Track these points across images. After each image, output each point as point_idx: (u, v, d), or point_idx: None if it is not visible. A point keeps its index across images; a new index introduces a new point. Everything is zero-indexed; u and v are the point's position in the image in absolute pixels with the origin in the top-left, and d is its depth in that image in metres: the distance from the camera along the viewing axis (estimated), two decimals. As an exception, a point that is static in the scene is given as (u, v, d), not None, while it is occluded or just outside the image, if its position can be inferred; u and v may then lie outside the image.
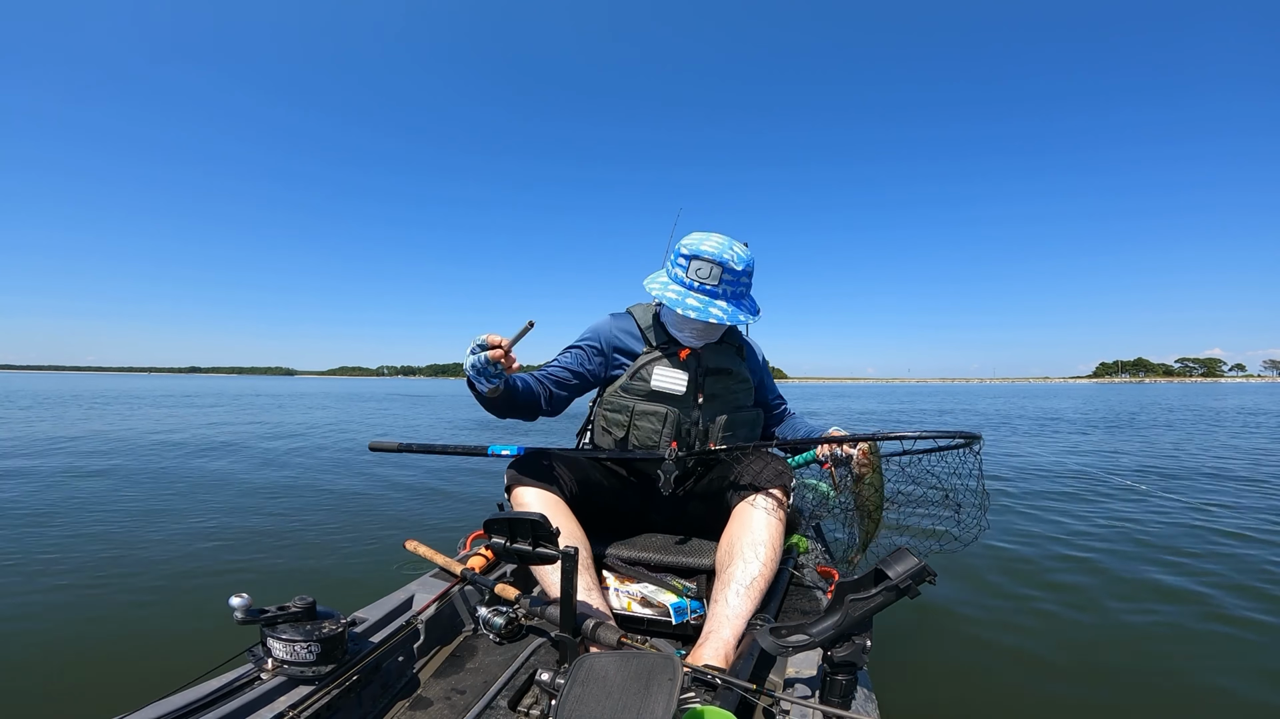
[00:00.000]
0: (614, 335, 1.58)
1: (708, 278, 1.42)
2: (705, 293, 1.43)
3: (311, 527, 3.38)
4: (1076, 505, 4.16)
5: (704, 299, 1.42)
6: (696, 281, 1.43)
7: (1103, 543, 3.22)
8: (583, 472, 1.52)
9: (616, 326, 1.59)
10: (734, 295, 1.46)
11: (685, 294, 1.43)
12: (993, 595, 2.45)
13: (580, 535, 1.36)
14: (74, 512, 3.58)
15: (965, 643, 2.04)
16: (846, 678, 0.92)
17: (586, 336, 1.59)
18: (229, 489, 4.43)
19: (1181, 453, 6.98)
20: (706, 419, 1.53)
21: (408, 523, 3.57)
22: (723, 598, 1.22)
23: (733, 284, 1.44)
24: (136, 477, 4.84)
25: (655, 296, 1.49)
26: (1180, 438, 8.78)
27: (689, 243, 1.46)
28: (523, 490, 1.38)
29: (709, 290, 1.43)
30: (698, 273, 1.43)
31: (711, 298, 1.43)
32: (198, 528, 3.28)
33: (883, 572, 0.90)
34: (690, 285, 1.44)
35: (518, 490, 1.39)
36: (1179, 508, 4.05)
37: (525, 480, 1.39)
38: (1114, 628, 2.16)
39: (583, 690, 0.77)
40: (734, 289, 1.45)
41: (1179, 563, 2.87)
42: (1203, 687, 1.77)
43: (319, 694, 0.92)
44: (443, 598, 1.30)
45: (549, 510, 1.33)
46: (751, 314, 1.48)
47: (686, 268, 1.44)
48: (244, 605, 0.91)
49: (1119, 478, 5.33)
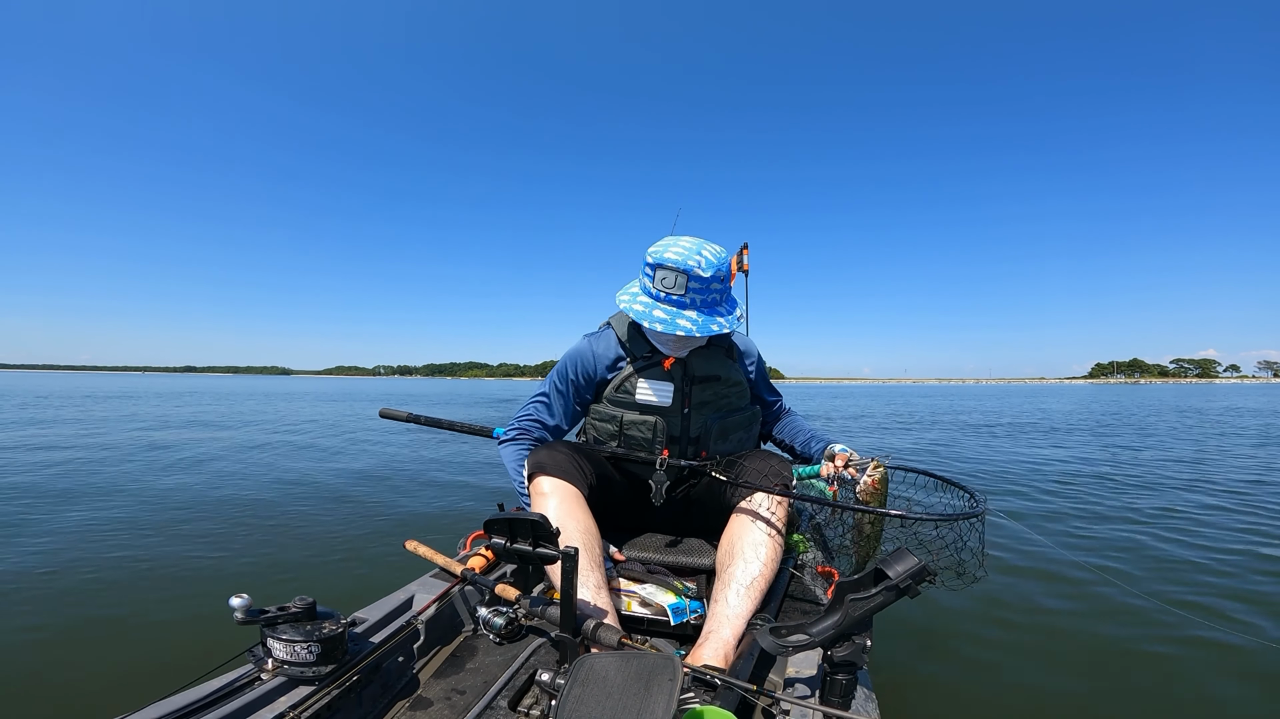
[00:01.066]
0: (592, 359, 1.53)
1: (673, 287, 1.35)
2: (672, 303, 1.36)
3: (311, 526, 3.38)
4: (1076, 506, 4.16)
5: (671, 310, 1.36)
6: (662, 292, 1.36)
7: (1102, 544, 3.22)
8: (600, 465, 1.51)
9: (594, 348, 1.54)
10: (704, 304, 1.38)
11: (652, 305, 1.37)
12: (992, 596, 2.45)
13: (595, 530, 1.34)
14: (73, 511, 3.58)
15: (965, 643, 2.04)
16: (846, 678, 0.92)
17: (566, 367, 1.55)
18: (228, 489, 4.42)
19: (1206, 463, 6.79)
20: (697, 426, 1.51)
21: (408, 523, 3.57)
22: (723, 598, 1.22)
23: (701, 292, 1.36)
24: (135, 476, 4.84)
25: (624, 309, 1.42)
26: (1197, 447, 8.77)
27: (655, 250, 1.38)
28: (543, 480, 1.36)
29: (675, 300, 1.36)
30: (663, 282, 1.35)
31: (679, 308, 1.36)
32: (197, 528, 3.28)
33: (883, 571, 0.91)
34: (656, 296, 1.37)
35: (539, 479, 1.36)
36: (1179, 509, 4.05)
37: (550, 469, 1.36)
38: (1114, 628, 2.17)
39: (583, 691, 0.77)
40: (704, 297, 1.37)
41: (1180, 564, 2.87)
42: (1202, 686, 1.77)
43: (319, 694, 0.92)
44: (443, 598, 1.29)
45: (568, 502, 1.32)
46: (726, 319, 1.40)
47: (653, 277, 1.37)
48: (244, 606, 0.91)
49: (1119, 479, 5.33)
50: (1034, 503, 4.27)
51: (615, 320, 1.59)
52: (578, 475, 1.38)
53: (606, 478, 1.52)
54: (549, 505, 1.31)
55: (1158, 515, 3.82)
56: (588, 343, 1.56)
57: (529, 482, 1.40)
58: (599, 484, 1.46)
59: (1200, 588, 2.54)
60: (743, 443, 1.60)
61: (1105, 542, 3.24)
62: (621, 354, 1.53)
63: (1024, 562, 2.88)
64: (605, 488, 1.49)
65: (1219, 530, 3.44)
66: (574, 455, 1.42)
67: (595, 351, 1.54)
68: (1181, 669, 1.87)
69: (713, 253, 1.39)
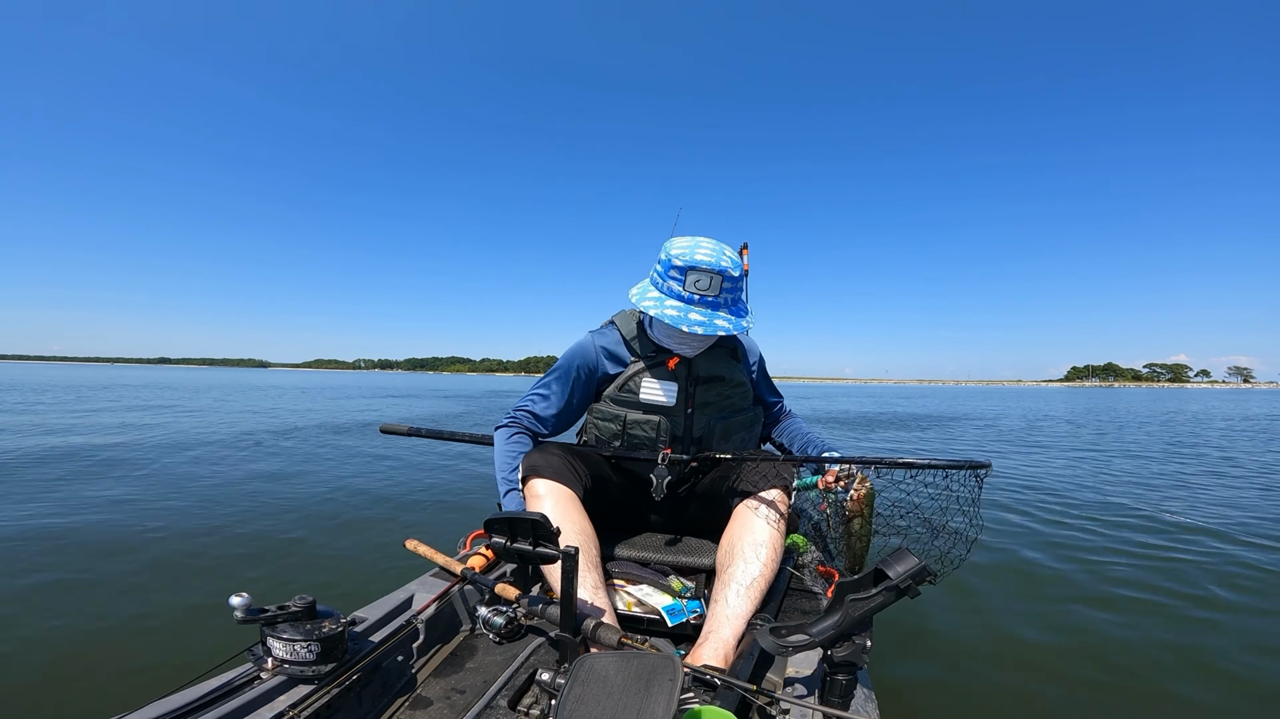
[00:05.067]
0: (595, 355, 1.53)
1: (708, 289, 1.34)
2: (708, 305, 1.35)
3: (311, 525, 3.38)
4: (1076, 507, 4.16)
5: (708, 313, 1.35)
6: (697, 294, 1.34)
7: (1103, 545, 3.22)
8: (596, 467, 1.51)
9: (599, 344, 1.54)
10: (732, 303, 1.40)
11: (687, 309, 1.35)
12: (992, 596, 2.45)
13: (591, 532, 1.34)
14: (72, 510, 3.58)
15: (965, 643, 2.04)
16: (846, 678, 0.92)
17: (571, 361, 1.54)
18: (227, 488, 4.42)
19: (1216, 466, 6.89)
20: (700, 427, 1.51)
21: (408, 522, 3.57)
22: (723, 598, 1.22)
23: (732, 291, 1.39)
24: (133, 475, 4.84)
25: (651, 314, 1.40)
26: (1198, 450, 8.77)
27: (680, 253, 1.36)
28: (538, 483, 1.36)
29: (710, 302, 1.35)
30: (697, 284, 1.34)
31: (714, 310, 1.36)
32: (197, 527, 3.28)
33: (883, 572, 0.90)
34: (690, 300, 1.35)
35: (533, 482, 1.36)
36: (1179, 512, 4.05)
37: (543, 472, 1.36)
38: (1113, 629, 2.16)
39: (583, 690, 0.77)
40: (733, 296, 1.40)
41: (1181, 567, 2.87)
42: (1200, 688, 1.77)
43: (319, 693, 0.92)
44: (443, 597, 1.29)
45: (563, 504, 1.32)
46: (749, 317, 1.45)
47: (683, 280, 1.34)
48: (244, 605, 0.91)
49: (1118, 481, 5.33)
50: (1035, 504, 4.26)
51: (620, 318, 1.60)
52: (572, 477, 1.38)
53: (603, 479, 1.52)
54: (544, 507, 1.31)
55: (1166, 520, 3.82)
56: (592, 339, 1.56)
57: (523, 484, 1.40)
58: (595, 485, 1.46)
59: (1201, 587, 2.54)
60: (744, 444, 1.59)
61: (1106, 542, 3.24)
62: (626, 352, 1.53)
63: (1024, 563, 2.88)
64: (602, 489, 1.49)
65: (1231, 531, 3.44)
66: (568, 457, 1.42)
67: (599, 348, 1.54)
68: (1181, 669, 1.86)
69: (733, 252, 1.42)
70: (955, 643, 2.04)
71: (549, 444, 1.47)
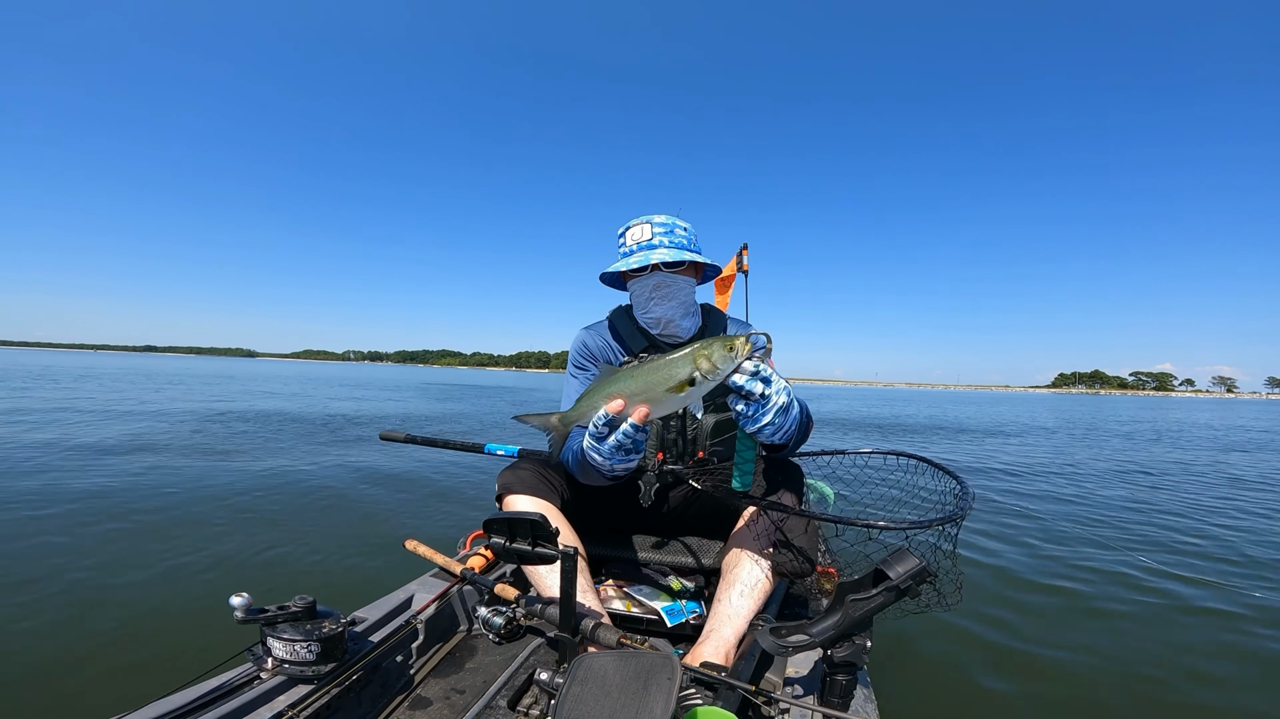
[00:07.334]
0: (601, 347, 1.56)
1: (641, 236, 1.45)
2: (644, 248, 1.45)
3: (311, 526, 3.38)
4: (1076, 509, 4.16)
5: (645, 252, 1.44)
6: (632, 244, 1.46)
7: (1102, 546, 3.22)
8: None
9: (598, 338, 1.57)
10: (673, 245, 1.45)
11: (627, 257, 1.46)
12: (991, 597, 2.45)
13: (574, 540, 1.34)
14: (71, 510, 3.58)
15: (964, 643, 2.04)
16: (846, 678, 0.92)
17: (571, 362, 1.57)
18: (227, 487, 4.42)
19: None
20: (693, 425, 1.51)
21: (408, 523, 3.56)
22: (726, 597, 1.21)
23: (667, 234, 1.45)
24: (132, 474, 4.84)
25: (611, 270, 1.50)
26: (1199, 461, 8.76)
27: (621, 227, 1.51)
28: (514, 499, 1.37)
29: (645, 244, 1.45)
30: (631, 236, 1.47)
31: (650, 249, 1.44)
32: (197, 526, 3.28)
33: (883, 572, 0.90)
34: (631, 252, 1.46)
35: (509, 498, 1.37)
36: (1180, 513, 4.05)
37: (516, 488, 1.38)
38: (1113, 629, 2.17)
39: (582, 690, 0.77)
40: (670, 239, 1.45)
41: (1182, 568, 2.87)
42: (1200, 687, 1.77)
43: (319, 693, 0.92)
44: (442, 598, 1.30)
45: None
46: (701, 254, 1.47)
47: (624, 240, 1.48)
48: (244, 605, 0.91)
49: (1116, 482, 5.33)
50: (1033, 505, 4.26)
51: (614, 315, 1.60)
52: (546, 489, 1.39)
53: (584, 486, 1.49)
54: None
55: (1166, 520, 3.82)
56: (585, 335, 1.58)
57: (499, 502, 1.40)
58: (578, 492, 1.45)
59: (1204, 588, 2.54)
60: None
61: (1106, 543, 3.24)
62: (618, 348, 1.54)
63: (1023, 564, 2.88)
64: (589, 493, 1.48)
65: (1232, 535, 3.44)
66: (540, 469, 1.43)
67: (601, 338, 1.56)
68: (1182, 669, 1.86)
69: (673, 216, 1.49)
70: (955, 643, 2.04)
71: (519, 462, 1.47)
